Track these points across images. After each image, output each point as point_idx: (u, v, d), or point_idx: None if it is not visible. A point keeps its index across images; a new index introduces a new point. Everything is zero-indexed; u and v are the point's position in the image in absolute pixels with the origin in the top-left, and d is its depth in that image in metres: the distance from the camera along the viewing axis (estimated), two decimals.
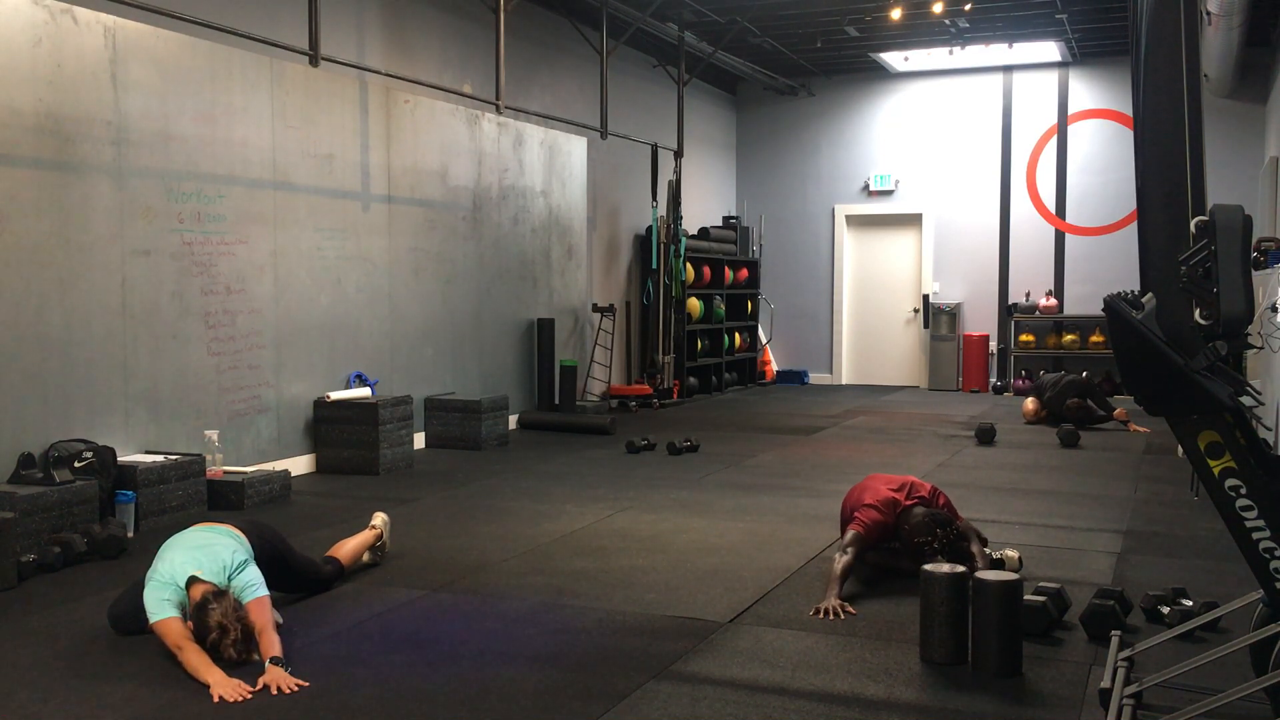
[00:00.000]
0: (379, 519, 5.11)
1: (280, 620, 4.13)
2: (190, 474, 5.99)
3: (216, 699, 3.42)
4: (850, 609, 4.34)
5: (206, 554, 3.93)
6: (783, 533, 5.70)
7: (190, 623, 3.76)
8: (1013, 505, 6.46)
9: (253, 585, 3.89)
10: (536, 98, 10.34)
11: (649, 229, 11.95)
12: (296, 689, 3.51)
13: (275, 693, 3.48)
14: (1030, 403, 10.36)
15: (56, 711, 3.34)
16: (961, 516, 5.00)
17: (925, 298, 13.93)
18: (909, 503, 4.81)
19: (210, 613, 3.73)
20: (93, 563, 5.08)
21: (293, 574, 4.47)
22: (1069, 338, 13.14)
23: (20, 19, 5.51)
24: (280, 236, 7.17)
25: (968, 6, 10.78)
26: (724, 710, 3.36)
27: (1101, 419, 10.05)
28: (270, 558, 4.29)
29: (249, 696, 3.46)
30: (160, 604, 3.79)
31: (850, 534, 4.69)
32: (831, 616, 4.28)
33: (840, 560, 4.54)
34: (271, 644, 3.70)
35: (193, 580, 3.84)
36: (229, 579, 3.90)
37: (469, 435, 8.51)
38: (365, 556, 4.95)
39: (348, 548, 4.82)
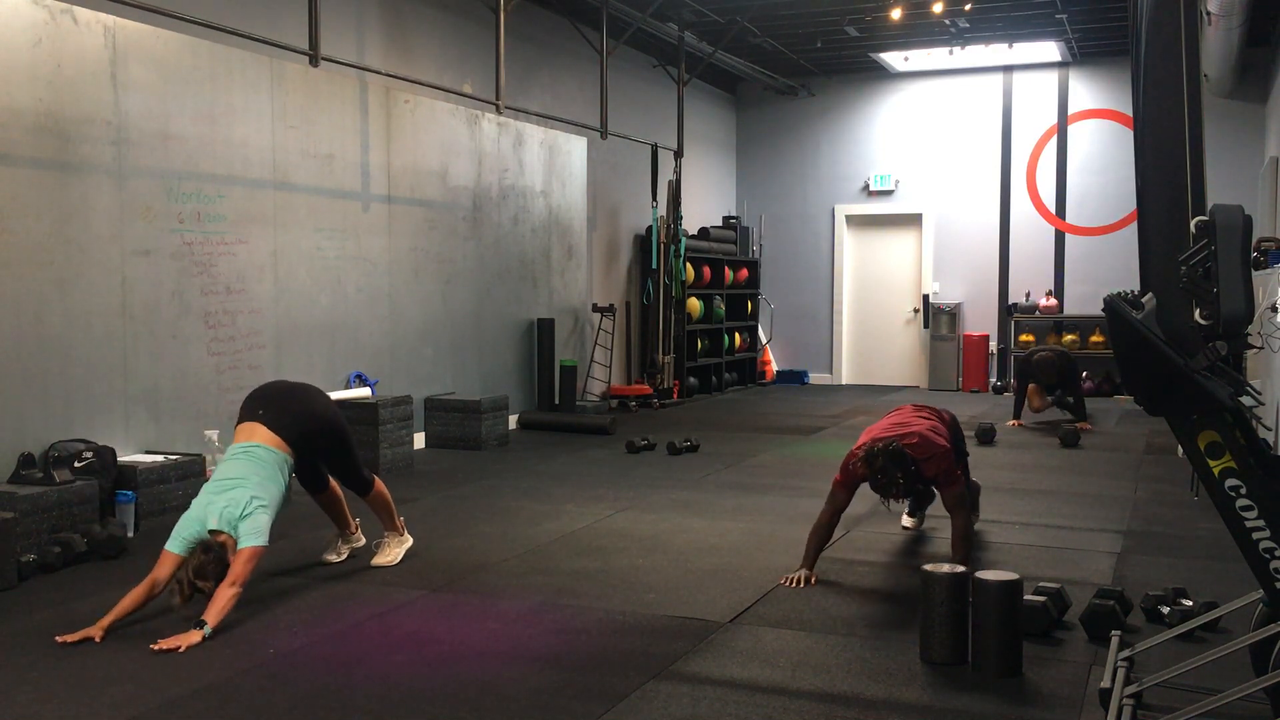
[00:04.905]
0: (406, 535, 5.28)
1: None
2: (190, 474, 5.99)
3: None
4: (813, 580, 4.71)
5: (228, 499, 4.25)
6: (783, 533, 5.70)
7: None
8: (1013, 505, 6.46)
9: (252, 534, 4.20)
10: (536, 98, 10.34)
11: (649, 229, 11.94)
12: (181, 649, 3.84)
13: (165, 649, 3.82)
14: (1034, 391, 10.18)
15: (56, 711, 3.34)
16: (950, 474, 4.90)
17: (925, 298, 13.92)
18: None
19: (192, 557, 4.14)
20: (93, 563, 5.08)
21: (339, 468, 4.97)
22: (1069, 338, 13.13)
23: (20, 19, 5.51)
24: (280, 236, 7.17)
25: (968, 6, 10.78)
26: (724, 710, 3.36)
27: (1071, 405, 9.88)
28: (316, 455, 4.85)
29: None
30: (175, 535, 4.21)
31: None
32: (798, 584, 4.67)
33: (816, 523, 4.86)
34: (214, 609, 4.00)
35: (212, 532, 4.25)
36: (235, 526, 4.21)
37: (469, 435, 8.50)
38: (342, 548, 5.17)
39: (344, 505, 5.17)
